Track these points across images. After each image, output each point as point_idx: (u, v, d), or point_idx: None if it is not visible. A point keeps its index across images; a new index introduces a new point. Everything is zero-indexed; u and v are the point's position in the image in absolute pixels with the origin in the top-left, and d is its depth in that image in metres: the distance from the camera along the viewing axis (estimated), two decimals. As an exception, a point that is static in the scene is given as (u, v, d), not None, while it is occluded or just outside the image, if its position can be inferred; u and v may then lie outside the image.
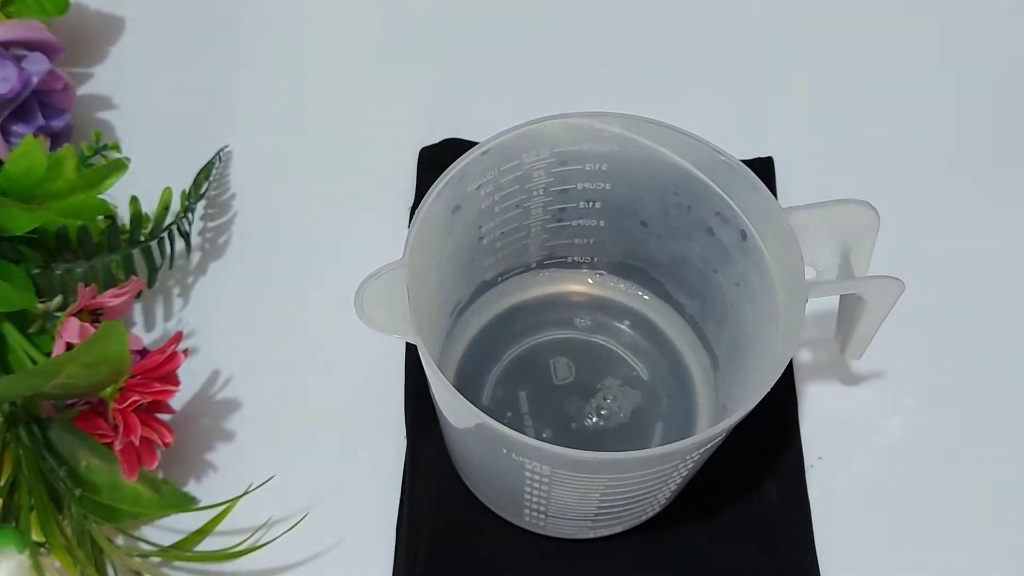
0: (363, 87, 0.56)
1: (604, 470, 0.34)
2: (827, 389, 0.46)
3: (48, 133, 0.50)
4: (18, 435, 0.41)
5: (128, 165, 0.46)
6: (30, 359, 0.42)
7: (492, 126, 0.37)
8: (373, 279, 0.34)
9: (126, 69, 0.56)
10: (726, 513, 0.43)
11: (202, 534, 0.42)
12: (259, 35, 0.57)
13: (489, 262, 0.43)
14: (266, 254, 0.50)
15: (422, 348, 0.33)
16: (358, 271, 0.34)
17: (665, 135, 0.37)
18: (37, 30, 0.49)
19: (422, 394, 0.43)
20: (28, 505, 0.40)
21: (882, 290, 0.36)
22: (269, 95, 0.55)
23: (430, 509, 0.43)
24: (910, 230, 0.48)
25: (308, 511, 0.43)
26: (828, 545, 0.43)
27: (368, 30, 0.58)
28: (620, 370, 0.44)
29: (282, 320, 0.48)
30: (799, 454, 0.44)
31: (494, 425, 0.32)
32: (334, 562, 0.43)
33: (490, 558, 0.42)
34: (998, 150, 0.53)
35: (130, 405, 0.39)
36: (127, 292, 0.43)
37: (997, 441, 0.45)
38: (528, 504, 0.38)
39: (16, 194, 0.44)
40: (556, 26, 0.57)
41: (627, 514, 0.40)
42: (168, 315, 0.49)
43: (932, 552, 0.43)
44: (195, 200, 0.49)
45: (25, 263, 0.43)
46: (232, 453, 0.45)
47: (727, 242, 0.39)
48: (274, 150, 0.53)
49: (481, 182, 0.38)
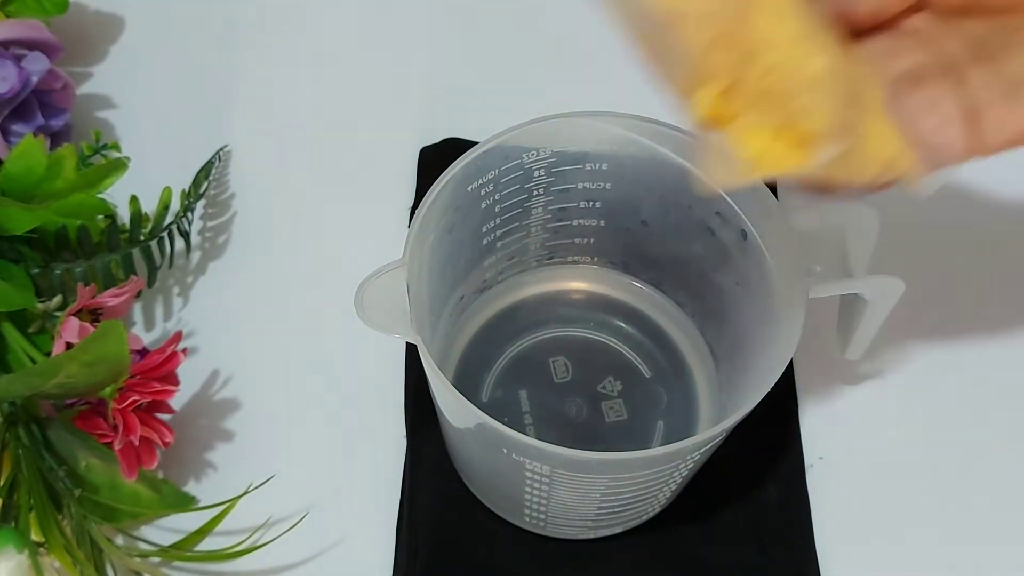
0: (363, 87, 0.56)
1: (604, 470, 0.34)
2: (827, 389, 0.46)
3: (48, 132, 0.50)
4: (18, 435, 0.41)
5: (128, 164, 0.46)
6: (30, 359, 0.42)
7: (492, 126, 0.37)
8: (373, 279, 0.34)
9: (126, 69, 0.56)
10: (726, 513, 0.43)
11: (202, 534, 0.41)
12: (259, 35, 0.57)
13: (489, 262, 0.43)
14: (266, 254, 0.50)
15: (422, 348, 0.33)
16: (358, 271, 0.34)
17: (665, 135, 0.37)
18: (37, 29, 0.49)
19: (422, 394, 0.43)
20: (28, 505, 0.40)
21: (882, 290, 0.36)
22: (269, 95, 0.55)
23: (430, 509, 0.43)
24: (910, 230, 0.48)
25: (308, 511, 0.43)
26: (828, 545, 0.43)
27: (368, 30, 0.58)
28: (620, 369, 0.44)
29: (282, 320, 0.48)
30: (799, 454, 0.44)
31: (494, 425, 0.32)
32: (334, 562, 0.43)
33: (490, 558, 0.42)
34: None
35: (130, 405, 0.39)
36: (127, 292, 0.43)
37: (997, 441, 0.45)
38: (528, 504, 0.38)
39: (16, 194, 0.44)
40: (556, 26, 0.57)
41: (627, 514, 0.40)
42: (168, 315, 0.49)
43: (932, 552, 0.43)
44: (195, 200, 0.49)
45: (25, 263, 0.43)
46: (232, 453, 0.45)
47: (727, 242, 0.39)
48: (274, 150, 0.53)
49: (481, 182, 0.38)
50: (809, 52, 0.27)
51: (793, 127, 0.27)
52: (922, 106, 0.29)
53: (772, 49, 0.27)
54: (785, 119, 0.27)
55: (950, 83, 0.29)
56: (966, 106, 0.28)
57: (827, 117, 0.27)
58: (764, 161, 0.27)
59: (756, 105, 0.27)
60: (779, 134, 0.27)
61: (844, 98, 0.27)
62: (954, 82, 0.29)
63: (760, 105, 0.27)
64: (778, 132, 0.27)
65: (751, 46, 0.27)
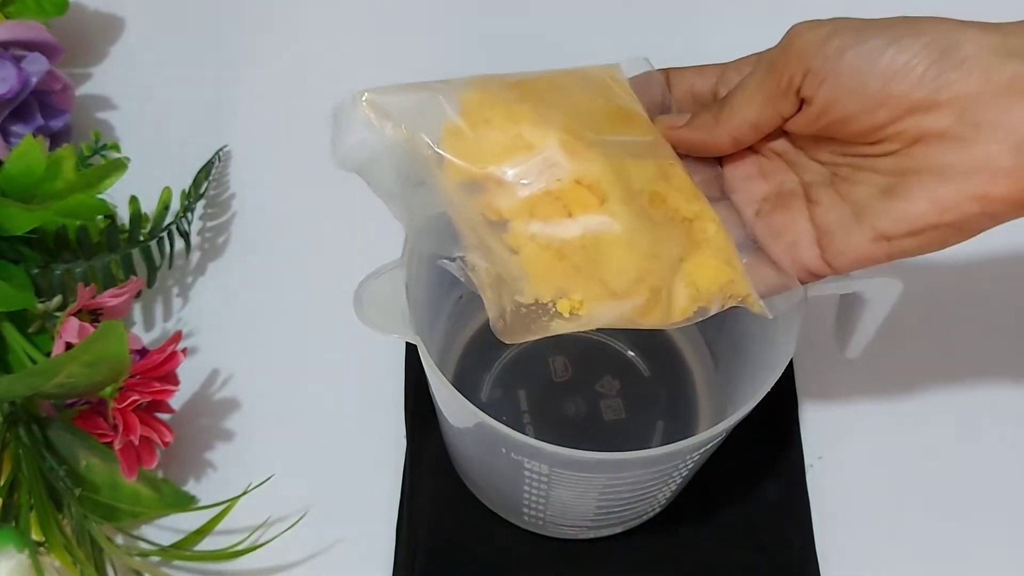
0: (363, 87, 0.56)
1: (603, 469, 0.34)
2: (827, 389, 0.46)
3: (47, 133, 0.50)
4: (18, 434, 0.41)
5: (127, 165, 0.46)
6: (30, 359, 0.42)
7: (491, 126, 0.37)
8: (373, 279, 0.34)
9: (126, 69, 0.56)
10: (726, 513, 0.43)
11: (202, 534, 0.42)
12: (259, 35, 0.57)
13: (489, 262, 0.43)
14: (266, 254, 0.50)
15: (422, 348, 0.33)
16: (358, 271, 0.34)
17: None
18: (36, 30, 0.49)
19: (422, 394, 0.43)
20: (28, 504, 0.40)
21: (881, 290, 0.36)
22: (269, 95, 0.55)
23: (430, 509, 0.43)
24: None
25: (308, 511, 0.43)
26: (828, 545, 0.43)
27: (368, 30, 0.58)
28: (620, 369, 0.44)
29: (282, 320, 0.48)
30: (799, 454, 0.44)
31: (493, 424, 0.32)
32: (334, 562, 0.43)
33: (489, 558, 0.42)
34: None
35: (130, 404, 0.39)
36: (126, 292, 0.43)
37: (996, 441, 0.45)
38: (527, 504, 0.38)
39: (16, 194, 0.44)
40: (556, 26, 0.57)
41: (626, 514, 0.40)
42: (167, 315, 0.49)
43: (932, 552, 0.43)
44: (195, 200, 0.49)
45: (25, 263, 0.43)
46: (232, 453, 0.45)
47: (727, 242, 0.38)
48: (274, 150, 0.53)
49: (480, 182, 0.38)
50: (619, 216, 0.30)
51: (603, 284, 0.30)
52: (778, 228, 0.31)
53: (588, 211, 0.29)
54: (594, 276, 0.30)
55: (805, 206, 0.31)
56: (818, 229, 0.31)
57: (627, 275, 0.30)
58: (572, 313, 0.30)
59: (576, 268, 0.30)
60: (587, 288, 0.30)
61: (646, 255, 0.30)
62: (810, 204, 0.31)
63: (577, 266, 0.30)
64: (587, 286, 0.30)
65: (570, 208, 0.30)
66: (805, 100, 0.29)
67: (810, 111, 0.29)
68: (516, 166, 0.30)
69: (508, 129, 0.30)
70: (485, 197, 0.30)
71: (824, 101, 0.29)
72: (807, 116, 0.30)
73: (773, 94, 0.30)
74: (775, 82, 0.30)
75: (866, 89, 0.28)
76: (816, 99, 0.29)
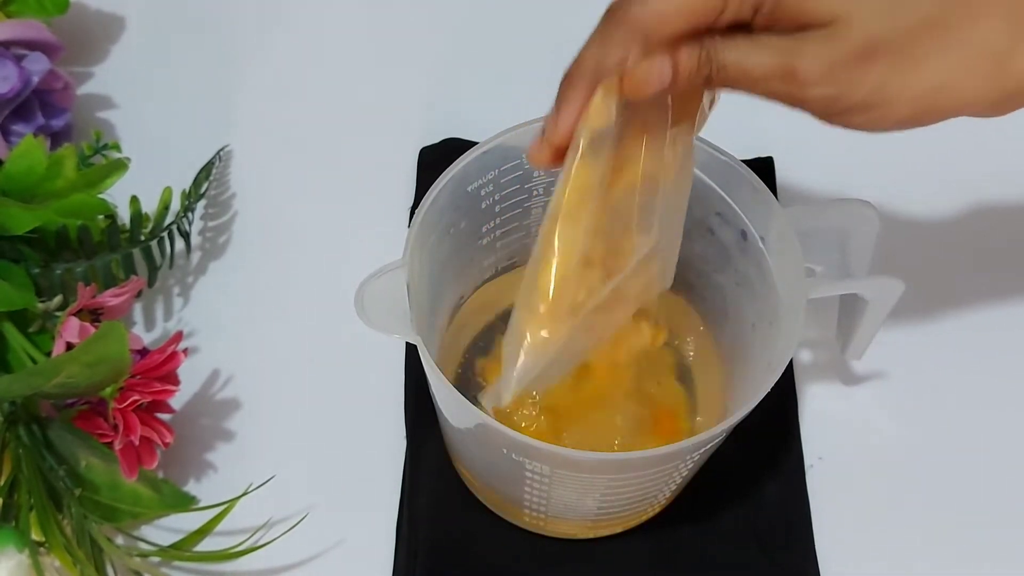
0: (363, 87, 0.56)
1: (604, 470, 0.34)
2: (827, 389, 0.46)
3: (48, 133, 0.50)
4: (18, 435, 0.41)
5: (128, 165, 0.46)
6: (30, 359, 0.42)
7: (492, 126, 0.37)
8: (373, 279, 0.34)
9: (126, 69, 0.56)
10: (726, 513, 0.43)
11: (202, 534, 0.42)
12: (259, 35, 0.57)
13: (489, 261, 0.43)
14: (266, 254, 0.50)
15: (422, 348, 0.33)
16: (358, 271, 0.34)
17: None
18: (37, 30, 0.49)
19: (422, 394, 0.43)
20: (28, 505, 0.40)
21: (882, 290, 0.36)
22: (269, 95, 0.55)
23: (430, 509, 0.43)
24: (910, 230, 0.48)
25: (308, 511, 0.43)
26: (828, 545, 0.43)
27: (368, 30, 0.58)
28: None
29: (282, 320, 0.48)
30: (799, 454, 0.44)
31: (494, 424, 0.32)
32: (334, 562, 0.43)
33: (490, 558, 0.42)
34: (998, 149, 0.53)
35: (130, 405, 0.39)
36: (127, 292, 0.43)
37: (996, 441, 0.45)
38: (528, 504, 0.38)
39: (16, 194, 0.44)
40: (556, 26, 0.57)
41: (627, 514, 0.40)
42: (168, 315, 0.49)
43: (932, 552, 0.43)
44: (195, 200, 0.49)
45: (25, 263, 0.43)
46: (232, 453, 0.45)
47: (727, 242, 0.39)
48: (274, 150, 0.53)
49: (481, 182, 0.38)
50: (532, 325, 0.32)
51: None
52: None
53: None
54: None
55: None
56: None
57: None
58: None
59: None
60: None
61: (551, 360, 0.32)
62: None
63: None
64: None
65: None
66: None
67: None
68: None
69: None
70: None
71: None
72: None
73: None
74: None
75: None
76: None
